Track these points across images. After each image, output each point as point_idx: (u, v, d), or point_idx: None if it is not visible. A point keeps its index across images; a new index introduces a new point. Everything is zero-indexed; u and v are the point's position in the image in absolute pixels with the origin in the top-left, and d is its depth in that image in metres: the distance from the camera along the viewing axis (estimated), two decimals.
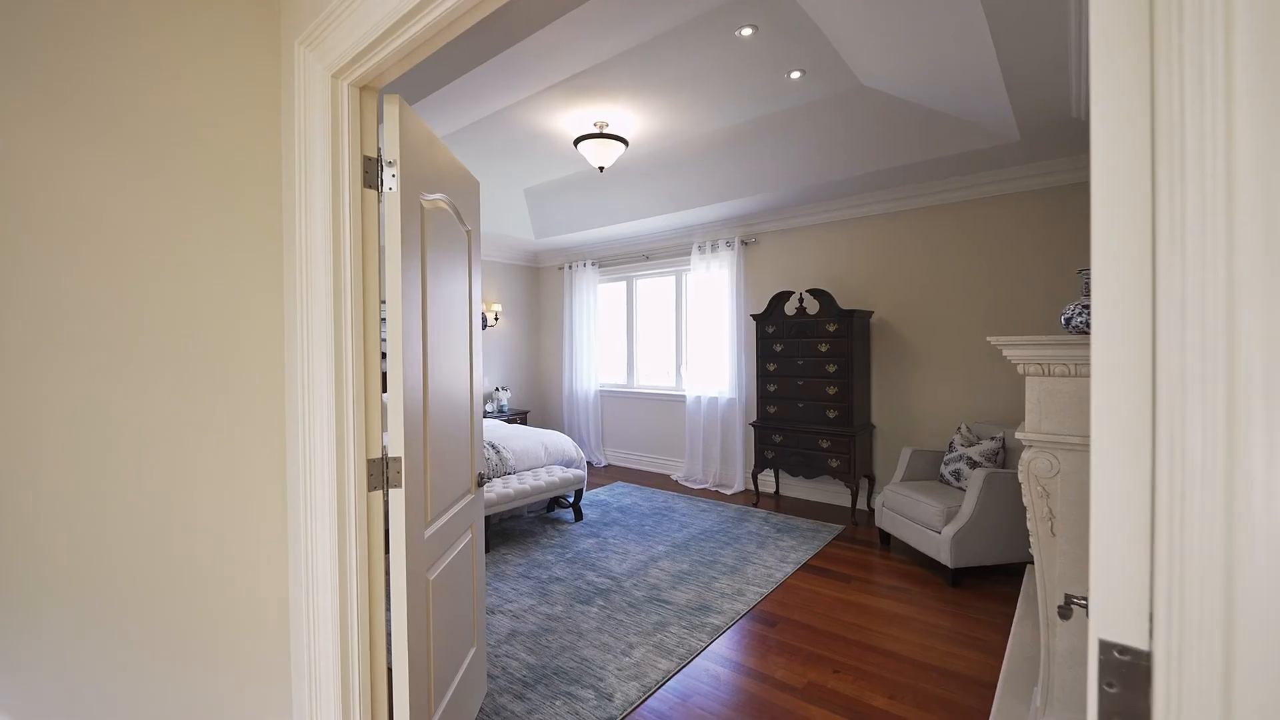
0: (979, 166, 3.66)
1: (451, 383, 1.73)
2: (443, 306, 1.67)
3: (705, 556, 3.50)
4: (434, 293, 1.60)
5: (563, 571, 3.28)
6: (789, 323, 4.40)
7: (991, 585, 3.09)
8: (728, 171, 4.23)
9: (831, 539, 3.82)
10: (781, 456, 4.44)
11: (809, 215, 4.66)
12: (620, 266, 6.16)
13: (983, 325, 3.92)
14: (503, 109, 3.39)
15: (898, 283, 4.30)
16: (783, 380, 4.45)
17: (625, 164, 4.44)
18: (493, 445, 4.17)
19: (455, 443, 1.76)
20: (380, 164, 1.38)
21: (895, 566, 3.37)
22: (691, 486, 5.24)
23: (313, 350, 1.30)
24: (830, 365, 4.18)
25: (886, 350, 4.39)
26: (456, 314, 1.79)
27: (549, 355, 6.97)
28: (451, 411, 1.73)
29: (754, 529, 4.01)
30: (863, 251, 4.46)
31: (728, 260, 5.13)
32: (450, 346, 1.73)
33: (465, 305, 1.89)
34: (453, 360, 1.75)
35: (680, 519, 4.25)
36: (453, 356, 1.75)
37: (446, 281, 1.70)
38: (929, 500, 3.24)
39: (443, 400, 1.65)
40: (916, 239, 4.20)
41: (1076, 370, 1.42)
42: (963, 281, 4.02)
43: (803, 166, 3.94)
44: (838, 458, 4.15)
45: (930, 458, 3.74)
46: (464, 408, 1.86)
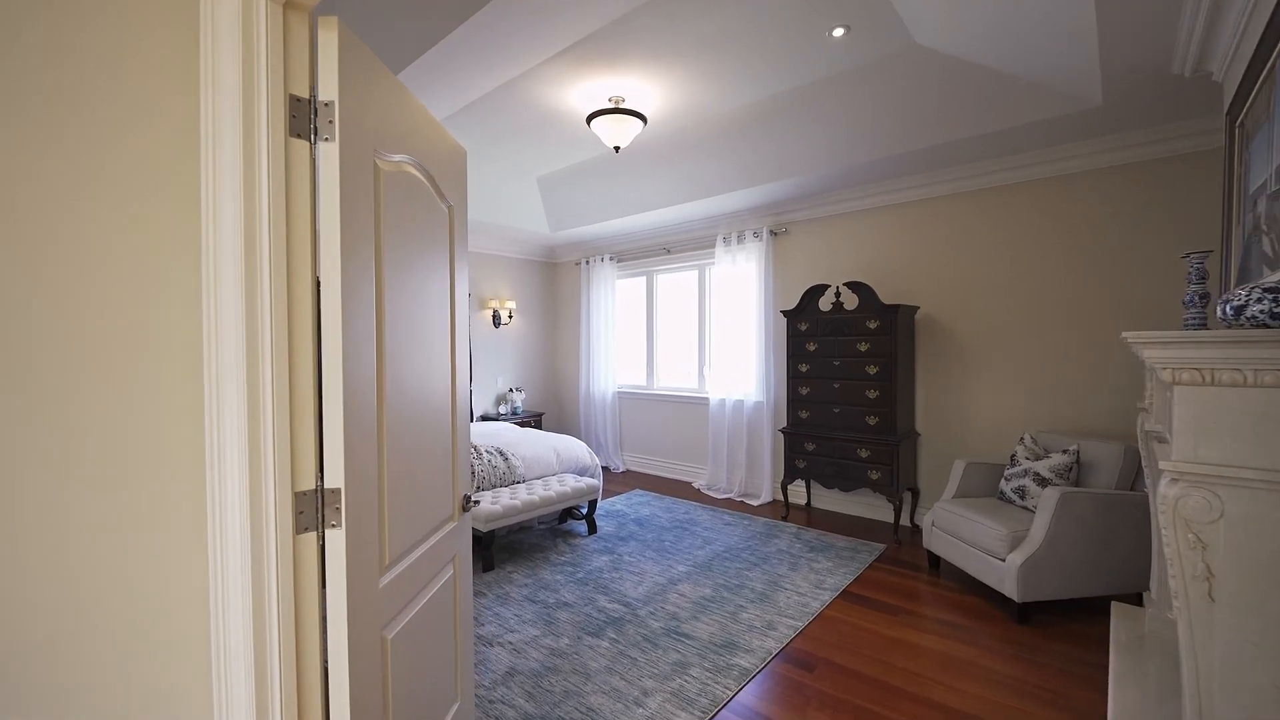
0: (1048, 140, 3.21)
1: (423, 391, 1.41)
2: (410, 297, 1.34)
3: (730, 579, 3.13)
4: (397, 279, 1.28)
5: (572, 595, 2.95)
6: (824, 319, 4.00)
7: (1067, 623, 2.66)
8: (756, 153, 3.85)
9: (872, 560, 3.42)
10: (815, 466, 4.05)
11: (846, 201, 4.25)
12: (639, 261, 5.82)
13: (1051, 321, 3.47)
14: (505, 84, 3.07)
15: (947, 274, 3.86)
16: (816, 382, 4.05)
17: (643, 147, 4.10)
18: (500, 451, 3.88)
19: (429, 463, 1.44)
20: (313, 106, 1.06)
21: (949, 596, 2.96)
22: (714, 496, 4.87)
23: (221, 354, 0.99)
24: (871, 366, 3.77)
25: (933, 350, 3.95)
26: (432, 306, 1.47)
27: (565, 355, 6.67)
28: (423, 426, 1.41)
29: (784, 547, 3.63)
30: (907, 240, 4.03)
31: (755, 252, 4.75)
32: (422, 346, 1.41)
33: (445, 296, 1.57)
34: (427, 363, 1.43)
35: (702, 533, 3.89)
36: (426, 359, 1.43)
37: (417, 266, 1.38)
38: (989, 522, 2.82)
39: (410, 413, 1.33)
40: (970, 224, 3.76)
41: (1257, 378, 1.03)
42: (1026, 272, 3.57)
43: (841, 145, 3.54)
44: (879, 469, 3.74)
45: (987, 472, 3.31)
46: (442, 420, 1.54)
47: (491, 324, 6.04)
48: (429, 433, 1.45)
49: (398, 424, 1.27)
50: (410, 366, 1.34)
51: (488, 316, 6.01)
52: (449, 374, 1.59)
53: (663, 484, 5.32)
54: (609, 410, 5.96)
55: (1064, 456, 2.93)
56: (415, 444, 1.36)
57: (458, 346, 1.66)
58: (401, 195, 1.30)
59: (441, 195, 1.55)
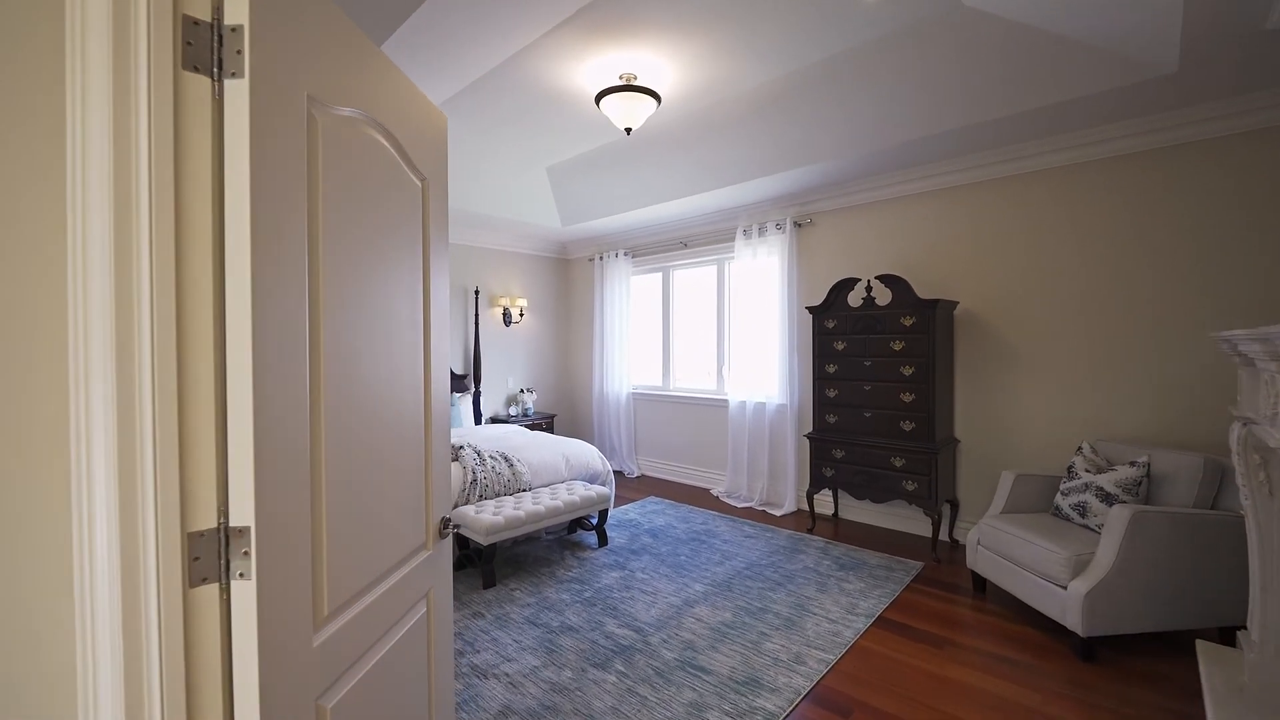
0: (1109, 114, 2.86)
1: (385, 400, 1.17)
2: (367, 287, 1.10)
3: (752, 601, 2.85)
4: (345, 264, 1.03)
5: (578, 617, 2.70)
6: (854, 316, 3.69)
7: (1139, 662, 2.33)
8: (778, 137, 3.56)
9: (909, 581, 3.10)
10: (844, 475, 3.74)
11: (878, 188, 3.93)
12: (655, 256, 5.55)
13: (1113, 317, 3.11)
14: (507, 63, 2.83)
15: (991, 266, 3.52)
16: (845, 384, 3.74)
17: (657, 134, 3.83)
18: (505, 457, 3.65)
19: (392, 485, 1.20)
20: (217, 32, 0.82)
21: (999, 625, 2.64)
22: (734, 505, 4.59)
23: (89, 357, 0.75)
24: (906, 367, 3.45)
25: (974, 349, 3.62)
26: (398, 300, 1.23)
27: (578, 355, 6.43)
28: (383, 442, 1.16)
29: (811, 563, 3.33)
30: (946, 229, 3.69)
31: (778, 245, 4.45)
32: (385, 347, 1.17)
33: (417, 286, 1.33)
34: (390, 367, 1.19)
35: (721, 547, 3.61)
36: (390, 362, 1.19)
37: (378, 250, 1.14)
38: (1047, 543, 2.49)
39: (364, 427, 1.09)
40: (1018, 211, 3.42)
41: None
42: (1081, 262, 3.22)
43: (874, 125, 3.23)
44: (915, 479, 3.42)
45: (1040, 485, 2.97)
46: (412, 434, 1.30)
47: (502, 322, 5.83)
48: (393, 449, 1.20)
49: (345, 441, 1.03)
50: (366, 371, 1.10)
51: (498, 315, 5.81)
52: (421, 379, 1.35)
53: (679, 490, 5.05)
54: (623, 412, 5.71)
55: (1132, 469, 2.59)
56: (371, 464, 1.12)
57: (434, 347, 1.41)
58: (352, 160, 1.06)
59: (412, 166, 1.31)
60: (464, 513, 3.13)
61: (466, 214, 4.84)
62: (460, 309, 5.49)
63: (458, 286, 5.48)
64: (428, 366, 1.38)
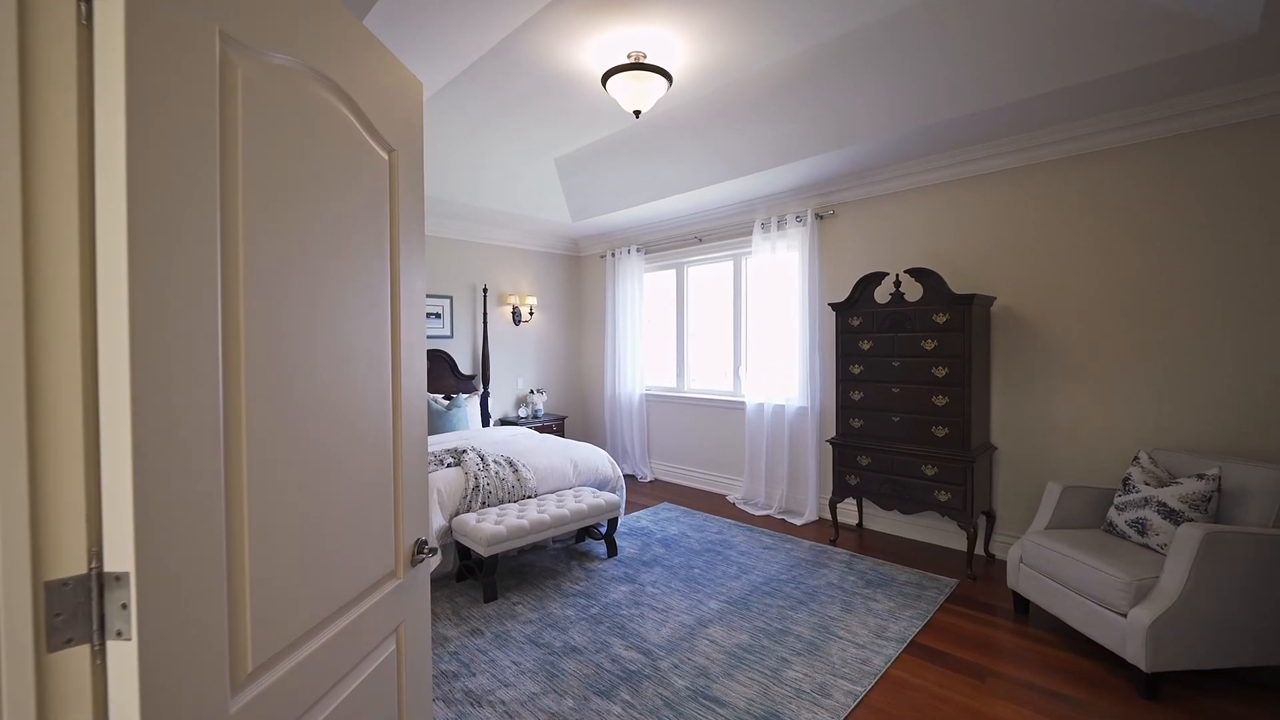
0: (1179, 87, 2.58)
1: (337, 409, 0.98)
2: (306, 274, 0.92)
3: (772, 621, 2.63)
4: (275, 246, 0.85)
5: (582, 637, 2.51)
6: (881, 313, 3.44)
7: (1213, 701, 2.06)
8: (798, 122, 3.33)
9: (943, 600, 2.86)
10: (870, 484, 3.49)
11: (906, 175, 3.67)
12: (669, 252, 5.34)
13: (1174, 314, 2.83)
14: (506, 41, 2.66)
15: (1034, 258, 3.25)
16: (871, 386, 3.49)
17: (669, 120, 3.63)
18: (510, 462, 3.47)
19: (349, 509, 1.02)
20: None
21: (1046, 654, 2.38)
22: (752, 512, 4.36)
23: None
24: (939, 368, 3.20)
25: (1013, 348, 3.35)
26: (355, 290, 1.05)
27: (590, 354, 6.25)
28: (335, 460, 0.98)
29: (834, 578, 3.10)
30: (984, 219, 3.43)
31: (798, 239, 4.21)
32: (339, 350, 0.99)
33: (383, 277, 1.15)
34: (344, 370, 1.01)
35: (738, 559, 3.39)
36: (345, 364, 1.01)
37: (321, 230, 0.96)
38: (1103, 565, 2.23)
39: (307, 441, 0.91)
40: (1064, 198, 3.14)
41: None
42: (1137, 253, 2.93)
43: (903, 105, 2.98)
44: (948, 489, 3.16)
45: (1091, 498, 2.70)
46: (376, 449, 1.11)
47: (511, 321, 5.68)
48: (349, 467, 1.02)
49: (278, 460, 0.85)
50: (310, 378, 0.92)
51: (507, 313, 5.65)
52: (389, 386, 1.17)
53: (693, 497, 4.83)
54: (635, 414, 5.51)
55: (1200, 483, 2.31)
56: (318, 485, 0.94)
57: (407, 349, 1.23)
58: (288, 121, 0.88)
59: (376, 135, 1.13)
60: (465, 521, 2.96)
61: (473, 209, 4.69)
62: (468, 308, 5.35)
63: (465, 285, 5.33)
64: (398, 372, 1.20)
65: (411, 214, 1.26)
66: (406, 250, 1.24)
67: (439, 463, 3.37)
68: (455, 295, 5.25)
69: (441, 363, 5.06)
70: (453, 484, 3.17)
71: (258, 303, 0.81)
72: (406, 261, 1.24)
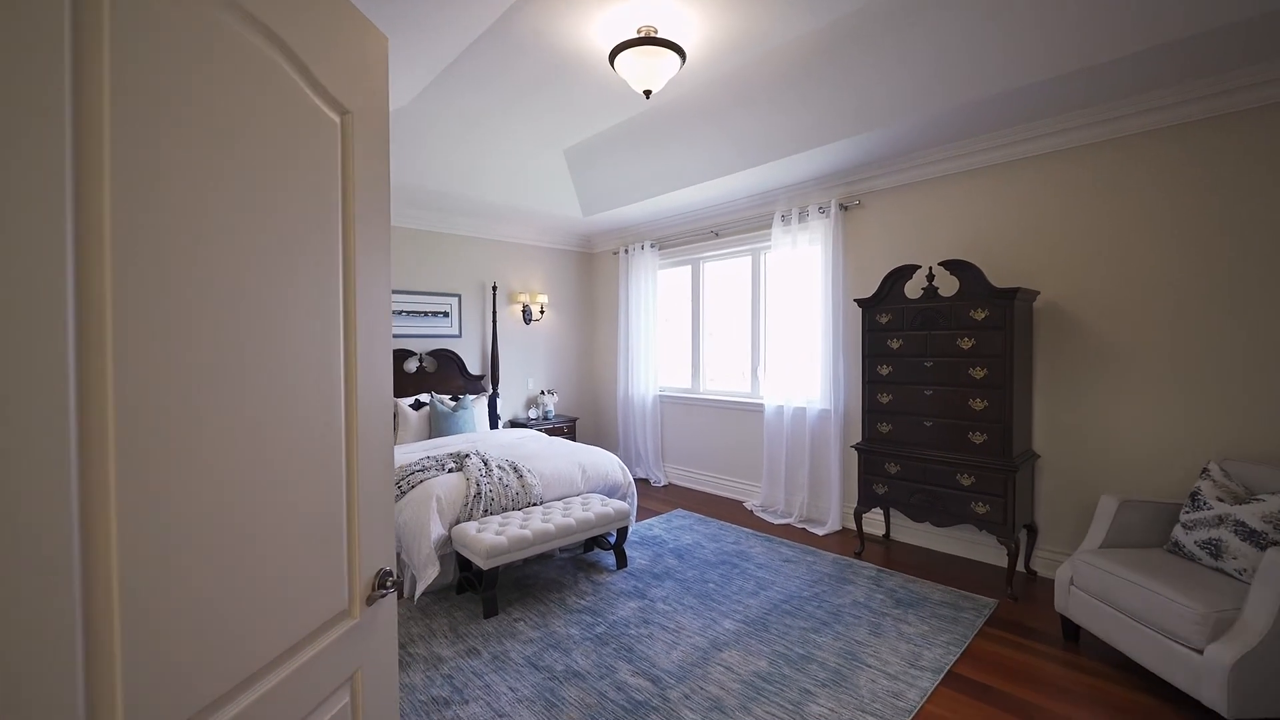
0: (1249, 54, 2.29)
1: (257, 425, 0.80)
2: (214, 258, 0.73)
3: (792, 645, 2.41)
4: (165, 221, 0.67)
5: (586, 660, 2.32)
6: (912, 310, 3.19)
7: None
8: (822, 103, 3.09)
9: (981, 624, 2.60)
10: (899, 493, 3.24)
11: (939, 161, 3.41)
12: (684, 247, 5.13)
13: (1246, 309, 2.53)
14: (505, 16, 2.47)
15: (1082, 248, 2.97)
16: (901, 388, 3.24)
17: (682, 104, 3.42)
18: (514, 467, 3.30)
19: (276, 544, 0.83)
20: None
21: (1104, 690, 2.12)
22: (770, 521, 4.13)
23: None
24: (977, 368, 2.94)
25: (1058, 347, 3.07)
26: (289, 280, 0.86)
27: (602, 354, 6.07)
28: (255, 486, 0.79)
29: (861, 596, 2.86)
30: (1026, 207, 3.15)
31: (820, 231, 3.97)
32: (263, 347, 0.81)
33: (331, 266, 0.96)
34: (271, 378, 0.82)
35: (756, 573, 3.17)
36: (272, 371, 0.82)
37: (237, 203, 0.77)
38: (1172, 593, 1.97)
39: (211, 466, 0.72)
40: (1118, 182, 2.86)
41: None
42: (1203, 242, 2.64)
43: (940, 81, 2.73)
44: (987, 500, 2.90)
45: (1151, 514, 2.43)
46: (320, 466, 0.93)
47: (521, 320, 5.52)
48: (280, 493, 0.84)
49: (166, 489, 0.66)
50: (217, 389, 0.73)
51: (517, 312, 5.49)
52: (339, 395, 0.98)
53: (709, 503, 4.61)
54: (649, 416, 5.31)
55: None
56: (234, 518, 0.75)
57: (364, 352, 1.04)
58: (187, 63, 0.69)
59: (323, 91, 0.94)
60: (465, 530, 2.79)
61: (480, 204, 4.53)
62: (477, 306, 5.20)
63: (474, 282, 5.19)
64: (353, 377, 1.02)
65: (371, 191, 1.08)
66: (365, 234, 1.06)
67: (440, 468, 3.21)
68: (464, 293, 5.11)
69: (449, 363, 4.92)
70: (453, 490, 3.01)
71: (129, 296, 0.62)
72: (365, 248, 1.06)
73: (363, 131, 1.05)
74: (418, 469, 3.19)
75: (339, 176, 0.99)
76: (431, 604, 2.82)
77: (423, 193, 4.19)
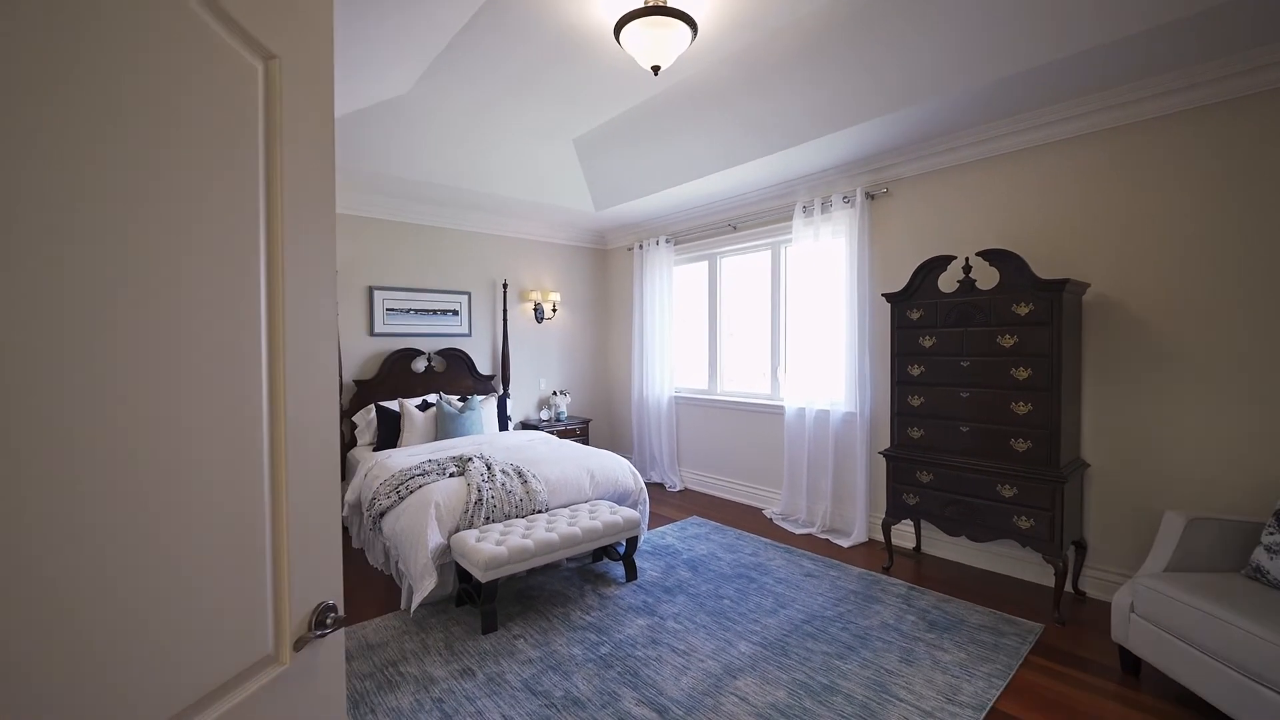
0: None
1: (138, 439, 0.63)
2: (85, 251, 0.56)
3: (815, 673, 2.19)
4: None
5: (588, 685, 2.13)
6: (946, 304, 2.93)
7: None
8: (846, 81, 2.86)
9: (1026, 652, 2.35)
10: (931, 504, 2.99)
11: (976, 143, 3.14)
12: (700, 242, 4.92)
13: None
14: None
15: (1139, 237, 2.69)
16: (934, 390, 2.99)
17: (695, 86, 3.21)
18: (518, 472, 3.14)
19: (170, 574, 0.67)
20: None
21: None
22: (791, 530, 3.89)
23: None
24: (1020, 368, 2.67)
25: (1110, 345, 2.78)
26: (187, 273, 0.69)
27: (617, 353, 5.89)
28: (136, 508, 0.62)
29: (890, 617, 2.62)
30: (1074, 191, 2.87)
31: (845, 222, 3.73)
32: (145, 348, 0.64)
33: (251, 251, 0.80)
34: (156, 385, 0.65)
35: (775, 589, 2.95)
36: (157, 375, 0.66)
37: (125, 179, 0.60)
38: (1257, 627, 1.70)
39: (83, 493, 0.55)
40: (1182, 161, 2.57)
41: None
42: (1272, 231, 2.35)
43: (970, 55, 2.48)
44: (1032, 514, 2.64)
45: (1225, 533, 2.15)
46: (233, 486, 0.76)
47: (533, 319, 5.37)
48: (172, 519, 0.67)
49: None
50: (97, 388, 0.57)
51: (528, 310, 5.35)
52: (258, 398, 0.81)
53: (726, 510, 4.40)
54: (664, 418, 5.11)
55: None
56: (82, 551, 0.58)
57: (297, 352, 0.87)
58: None
59: (234, 29, 0.77)
60: (463, 539, 2.64)
61: (488, 198, 4.39)
62: (487, 304, 5.07)
63: (484, 280, 5.05)
64: (279, 380, 0.84)
65: (307, 158, 0.90)
66: (299, 211, 0.88)
67: (441, 472, 3.06)
68: (474, 291, 4.98)
69: (459, 362, 4.79)
70: (453, 496, 2.86)
71: None
72: (299, 226, 0.88)
73: (295, 81, 0.88)
74: (418, 473, 3.05)
75: (259, 138, 0.82)
76: (428, 616, 2.67)
77: (428, 187, 4.06)
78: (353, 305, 4.34)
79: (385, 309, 4.47)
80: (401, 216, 4.52)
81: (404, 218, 4.53)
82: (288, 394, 0.86)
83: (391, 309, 4.50)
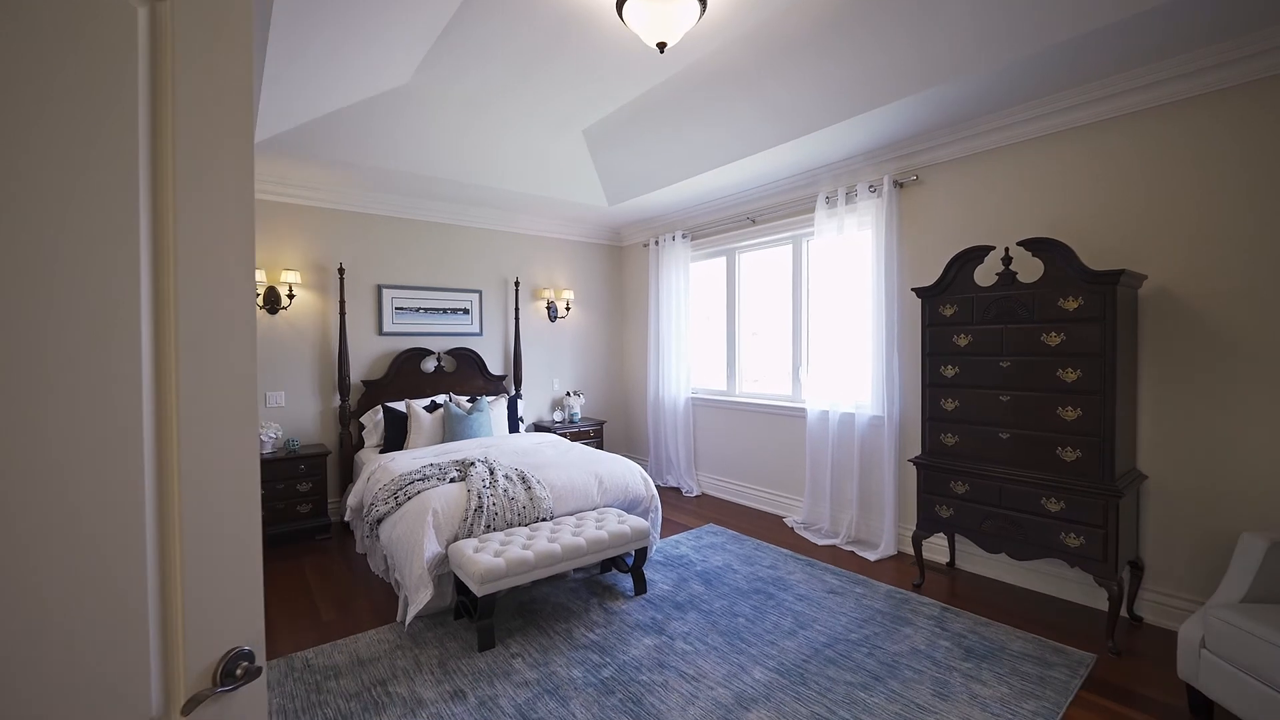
0: None
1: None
2: None
3: (836, 707, 1.98)
4: None
5: (586, 713, 1.96)
6: (984, 299, 2.68)
7: None
8: (871, 57, 2.63)
9: (1078, 686, 2.09)
10: (967, 518, 2.74)
11: (1017, 124, 2.88)
12: (718, 236, 4.72)
13: None
14: None
15: (1201, 224, 2.40)
16: (971, 393, 2.74)
17: (708, 69, 3.02)
18: (523, 477, 2.99)
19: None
20: None
21: None
22: (813, 540, 3.67)
23: None
24: (1067, 370, 2.42)
25: (1170, 344, 2.50)
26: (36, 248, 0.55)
27: (632, 353, 5.72)
28: None
29: (921, 642, 2.39)
30: (1127, 174, 2.59)
31: (871, 213, 3.49)
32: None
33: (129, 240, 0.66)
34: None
35: (794, 606, 2.74)
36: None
37: None
38: None
39: None
40: (1255, 137, 2.28)
41: None
42: None
43: (1009, 24, 2.23)
44: (1082, 530, 2.38)
45: None
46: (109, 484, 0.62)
47: (546, 317, 5.24)
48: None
49: None
50: None
51: (541, 309, 5.22)
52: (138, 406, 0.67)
53: (745, 517, 4.19)
54: (680, 421, 4.92)
55: None
56: None
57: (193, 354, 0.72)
58: None
59: None
60: (461, 549, 2.50)
61: (498, 194, 4.26)
62: (499, 303, 4.95)
63: (495, 278, 4.94)
64: (169, 385, 0.70)
65: (211, 125, 0.75)
66: (197, 187, 0.73)
67: (442, 476, 2.94)
68: (485, 289, 4.87)
69: (469, 362, 4.68)
70: (452, 503, 2.72)
71: None
72: (196, 205, 0.73)
73: (194, 29, 0.73)
74: (417, 478, 2.93)
75: (141, 98, 0.68)
76: (424, 630, 2.54)
77: (435, 183, 3.95)
78: (361, 304, 4.27)
79: (394, 308, 4.38)
80: (410, 214, 4.43)
81: (413, 215, 4.44)
82: (181, 402, 0.71)
83: (401, 308, 4.41)
